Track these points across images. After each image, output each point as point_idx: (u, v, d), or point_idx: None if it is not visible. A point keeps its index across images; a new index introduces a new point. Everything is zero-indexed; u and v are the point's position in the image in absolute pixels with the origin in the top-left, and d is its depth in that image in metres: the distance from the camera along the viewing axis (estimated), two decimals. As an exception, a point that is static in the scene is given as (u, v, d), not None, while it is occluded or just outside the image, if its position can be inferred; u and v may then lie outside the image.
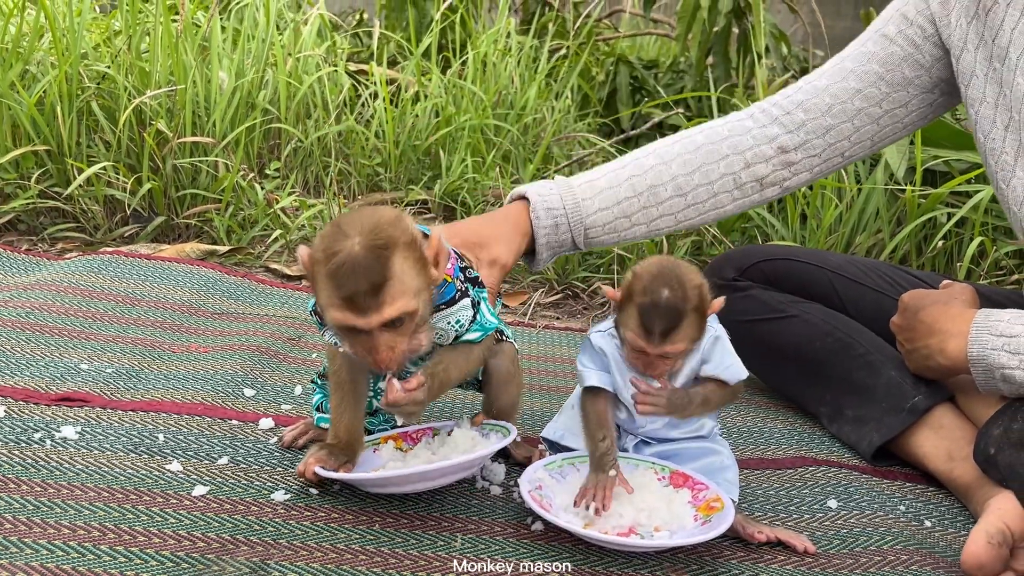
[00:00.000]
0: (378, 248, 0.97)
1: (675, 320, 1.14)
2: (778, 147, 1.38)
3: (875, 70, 1.34)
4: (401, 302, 0.98)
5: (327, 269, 0.97)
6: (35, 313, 1.70)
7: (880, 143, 1.41)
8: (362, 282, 0.96)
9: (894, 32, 1.33)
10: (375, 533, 1.11)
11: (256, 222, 2.36)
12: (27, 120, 2.27)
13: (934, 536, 1.21)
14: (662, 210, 1.39)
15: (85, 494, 1.13)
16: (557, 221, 1.36)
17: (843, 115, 1.37)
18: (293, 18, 3.03)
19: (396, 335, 1.00)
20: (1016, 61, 1.20)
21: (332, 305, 0.99)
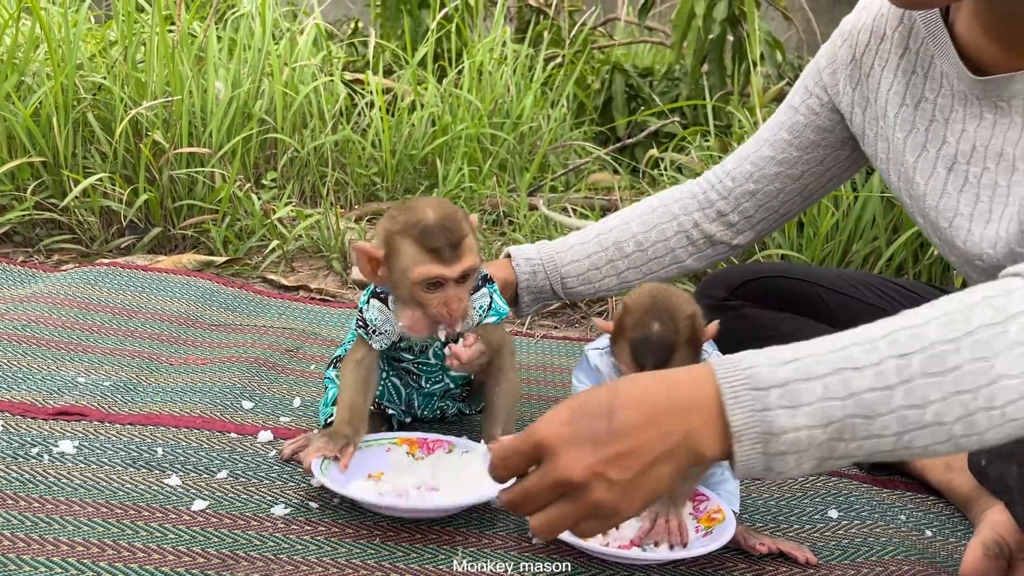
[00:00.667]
0: (452, 214, 1.20)
1: (667, 354, 1.14)
2: (716, 211, 1.52)
3: (784, 137, 1.44)
4: (473, 256, 1.21)
5: (415, 232, 1.18)
6: (31, 326, 1.70)
7: (811, 197, 1.50)
8: (445, 239, 1.18)
9: (798, 102, 1.43)
10: (376, 547, 1.10)
11: (253, 233, 2.35)
12: (23, 131, 2.26)
13: (935, 546, 1.21)
14: (628, 263, 1.53)
15: (84, 509, 1.13)
16: (535, 268, 1.53)
17: (764, 180, 1.47)
18: (289, 27, 3.04)
19: (463, 289, 1.21)
20: (893, 119, 1.27)
21: (419, 262, 1.18)
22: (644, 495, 0.82)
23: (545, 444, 0.81)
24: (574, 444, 0.80)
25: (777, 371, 0.80)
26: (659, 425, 0.80)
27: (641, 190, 2.83)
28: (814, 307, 1.61)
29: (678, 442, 0.80)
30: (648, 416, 0.81)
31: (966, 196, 1.20)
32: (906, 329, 0.82)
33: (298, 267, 2.35)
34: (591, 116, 3.86)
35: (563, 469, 0.80)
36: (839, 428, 0.78)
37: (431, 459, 1.27)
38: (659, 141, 3.59)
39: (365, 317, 1.30)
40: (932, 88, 1.23)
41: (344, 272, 2.30)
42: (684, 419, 0.80)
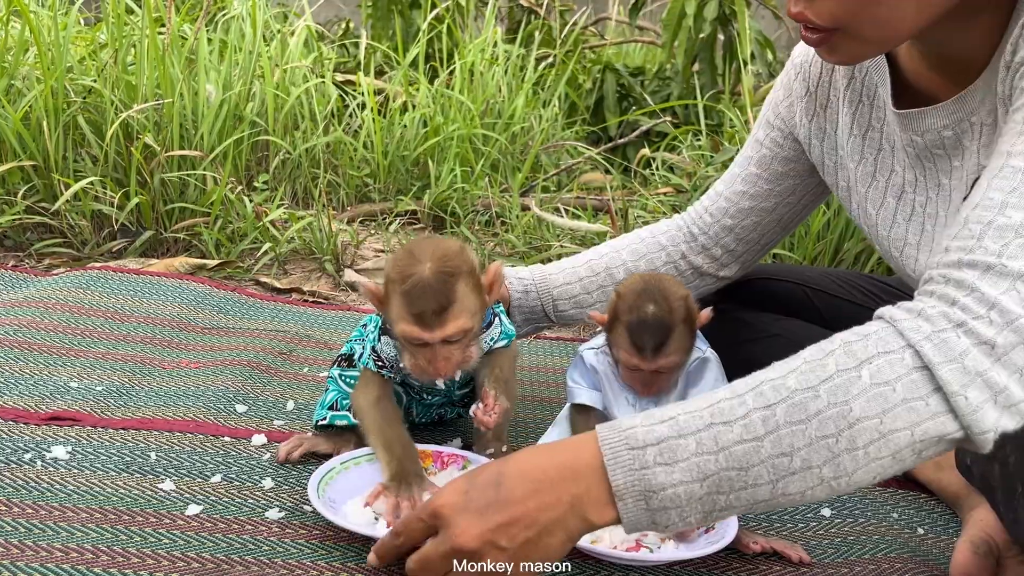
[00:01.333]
0: (445, 274, 1.15)
1: (665, 334, 1.15)
2: (700, 246, 1.53)
3: (754, 171, 1.46)
4: (461, 321, 1.16)
5: (402, 289, 1.15)
6: (24, 331, 1.69)
7: (789, 226, 1.52)
8: (431, 303, 1.14)
9: (762, 136, 1.45)
10: (368, 551, 1.10)
11: (245, 235, 2.35)
12: (13, 135, 2.25)
13: (927, 543, 1.22)
14: None
15: (77, 515, 1.13)
16: (527, 288, 1.52)
17: (740, 215, 1.48)
18: (280, 29, 3.03)
19: (452, 348, 1.17)
20: (847, 148, 1.30)
21: (403, 320, 1.16)
22: (538, 558, 0.86)
23: (440, 513, 0.87)
24: (465, 513, 0.86)
25: (654, 430, 0.84)
26: (543, 494, 0.84)
27: (633, 189, 2.83)
28: (803, 308, 1.62)
29: (565, 511, 0.84)
30: (533, 484, 0.85)
31: (913, 225, 1.22)
32: (770, 380, 0.86)
33: (291, 269, 2.34)
34: (583, 116, 3.87)
35: (456, 537, 0.85)
36: (716, 481, 0.82)
37: (444, 475, 1.25)
38: (651, 140, 3.60)
39: (381, 354, 1.28)
40: (878, 117, 1.25)
41: (337, 274, 2.30)
42: (569, 487, 0.84)
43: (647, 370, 1.17)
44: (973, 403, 0.81)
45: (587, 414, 1.23)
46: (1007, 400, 0.82)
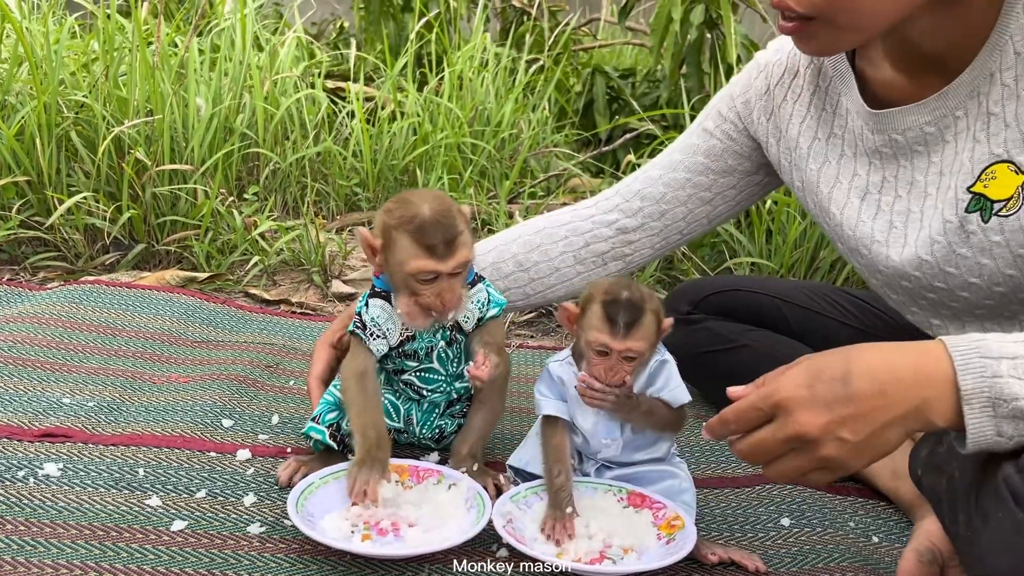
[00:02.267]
0: (447, 209, 1.25)
1: (637, 314, 1.20)
2: (617, 228, 1.53)
3: (701, 161, 1.48)
4: (467, 251, 1.26)
5: (410, 228, 1.23)
6: (17, 346, 1.75)
7: (716, 220, 1.54)
8: (441, 234, 1.23)
9: (712, 127, 1.46)
10: (346, 565, 1.16)
11: (235, 247, 2.40)
12: (7, 151, 2.31)
13: (880, 552, 1.27)
14: (507, 283, 1.55)
15: (67, 532, 1.18)
16: None
17: (676, 201, 1.50)
18: (270, 38, 3.08)
19: (457, 281, 1.27)
20: (807, 151, 1.34)
21: (414, 256, 1.24)
22: (871, 454, 0.93)
23: (783, 404, 0.92)
24: (811, 404, 0.91)
25: (1007, 346, 0.88)
26: (889, 394, 0.90)
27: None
28: (774, 319, 1.67)
29: (909, 410, 0.90)
30: (880, 384, 0.90)
31: (879, 223, 1.27)
32: None
33: (280, 280, 2.40)
34: (572, 119, 3.91)
35: (799, 426, 0.91)
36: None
37: (419, 488, 1.29)
38: (641, 143, 3.64)
39: (365, 318, 1.34)
40: (840, 124, 1.30)
41: (324, 285, 2.35)
42: (917, 391, 0.89)
43: (616, 351, 1.21)
44: None
45: (555, 425, 1.28)
46: None
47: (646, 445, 1.32)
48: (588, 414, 1.28)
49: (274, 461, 1.42)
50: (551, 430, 1.28)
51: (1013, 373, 0.86)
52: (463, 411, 1.46)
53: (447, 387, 1.41)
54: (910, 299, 1.30)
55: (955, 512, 1.10)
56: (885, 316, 1.60)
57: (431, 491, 1.28)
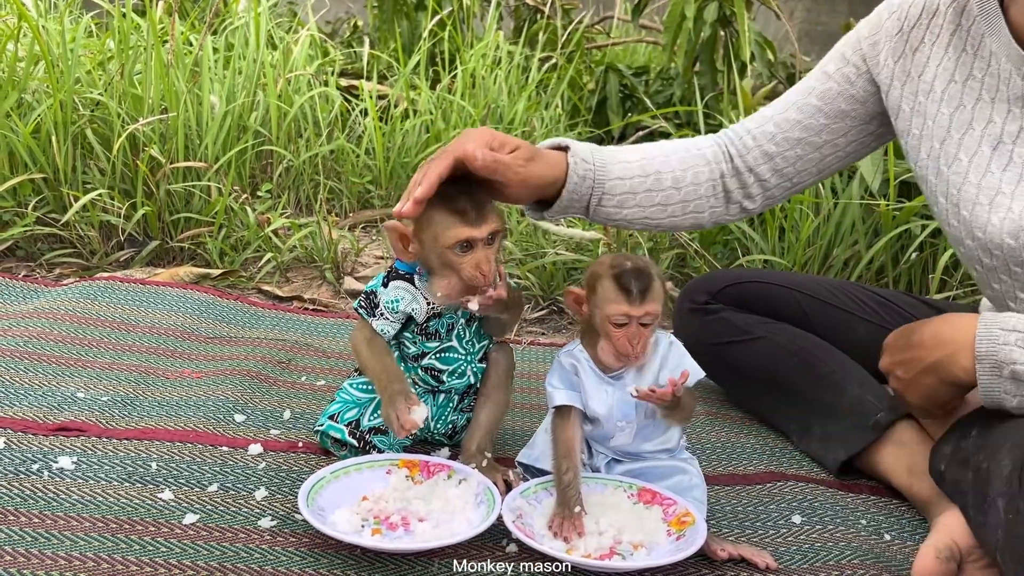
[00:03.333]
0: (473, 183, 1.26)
1: (648, 279, 1.23)
2: (734, 168, 1.48)
3: (814, 103, 1.44)
4: (498, 219, 1.29)
5: (442, 200, 1.24)
6: (33, 342, 1.76)
7: (825, 171, 1.50)
8: (474, 201, 1.25)
9: (832, 69, 1.43)
10: (356, 559, 1.16)
11: (248, 244, 2.42)
12: (23, 149, 2.33)
13: (892, 549, 1.26)
14: (659, 198, 1.44)
15: (80, 524, 1.19)
16: (586, 174, 1.39)
17: (785, 144, 1.46)
18: (283, 37, 3.09)
19: (492, 250, 1.28)
20: (940, 95, 1.30)
21: (449, 227, 1.25)
22: (919, 391, 1.25)
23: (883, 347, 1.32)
24: (888, 349, 1.30)
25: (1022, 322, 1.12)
26: (927, 346, 1.22)
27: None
28: (792, 312, 1.66)
29: (937, 360, 1.20)
30: (926, 339, 1.23)
31: (1009, 175, 1.24)
32: None
33: (292, 277, 2.41)
34: (585, 117, 3.91)
35: (882, 362, 1.31)
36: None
37: (429, 483, 1.29)
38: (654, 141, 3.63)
39: (378, 300, 1.36)
40: (980, 67, 1.26)
41: (337, 282, 2.36)
42: (946, 347, 1.19)
43: (635, 317, 1.22)
44: None
45: (566, 417, 1.28)
46: None
47: (657, 434, 1.31)
48: (603, 398, 1.28)
49: (286, 455, 1.43)
50: (562, 423, 1.27)
51: (1019, 344, 1.11)
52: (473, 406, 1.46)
53: (466, 367, 1.42)
54: (995, 272, 1.29)
55: (982, 503, 1.10)
56: (906, 312, 1.59)
57: (441, 486, 1.29)
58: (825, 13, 7.12)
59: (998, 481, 1.06)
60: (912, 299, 1.65)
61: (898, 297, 1.67)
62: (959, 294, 2.12)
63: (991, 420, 1.18)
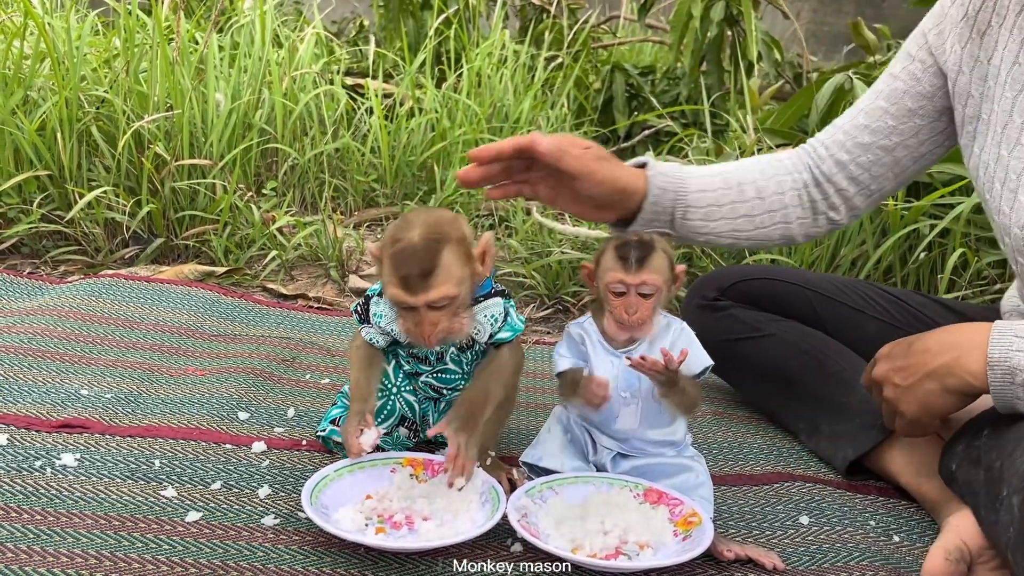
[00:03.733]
0: (433, 240, 1.18)
1: (648, 249, 1.23)
2: (813, 179, 1.47)
3: (881, 105, 1.43)
4: (445, 287, 1.19)
5: (391, 252, 1.19)
6: (37, 339, 1.76)
7: (904, 174, 1.46)
8: (415, 267, 1.17)
9: (898, 69, 1.42)
10: (360, 557, 1.16)
11: (253, 242, 2.41)
12: (28, 146, 2.32)
13: (901, 551, 1.25)
14: (745, 209, 1.44)
15: (83, 521, 1.18)
16: (666, 186, 1.39)
17: (856, 150, 1.44)
18: (289, 35, 3.09)
19: (439, 314, 1.21)
20: (1005, 77, 1.28)
21: (391, 283, 1.20)
22: (917, 399, 1.20)
23: (879, 354, 1.29)
24: (887, 358, 1.26)
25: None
26: (932, 351, 1.19)
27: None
28: (802, 310, 1.65)
29: (943, 364, 1.17)
30: (930, 345, 1.19)
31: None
32: None
33: (297, 275, 2.40)
34: (591, 117, 3.90)
35: (875, 371, 1.27)
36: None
37: (434, 482, 1.28)
38: (660, 140, 3.62)
39: (370, 308, 1.34)
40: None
41: (341, 280, 2.35)
42: (954, 351, 1.16)
43: (632, 285, 1.22)
44: None
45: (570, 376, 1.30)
46: None
47: (663, 423, 1.30)
48: (608, 368, 1.28)
49: (289, 453, 1.42)
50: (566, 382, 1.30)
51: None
52: None
53: (465, 383, 1.39)
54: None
55: (995, 502, 1.09)
56: (918, 312, 1.58)
57: (445, 485, 1.27)
58: (831, 14, 7.10)
59: (1014, 478, 1.05)
60: (923, 298, 1.64)
61: (909, 296, 1.66)
62: (968, 294, 2.10)
63: (1004, 420, 1.16)
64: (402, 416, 1.40)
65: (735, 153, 2.57)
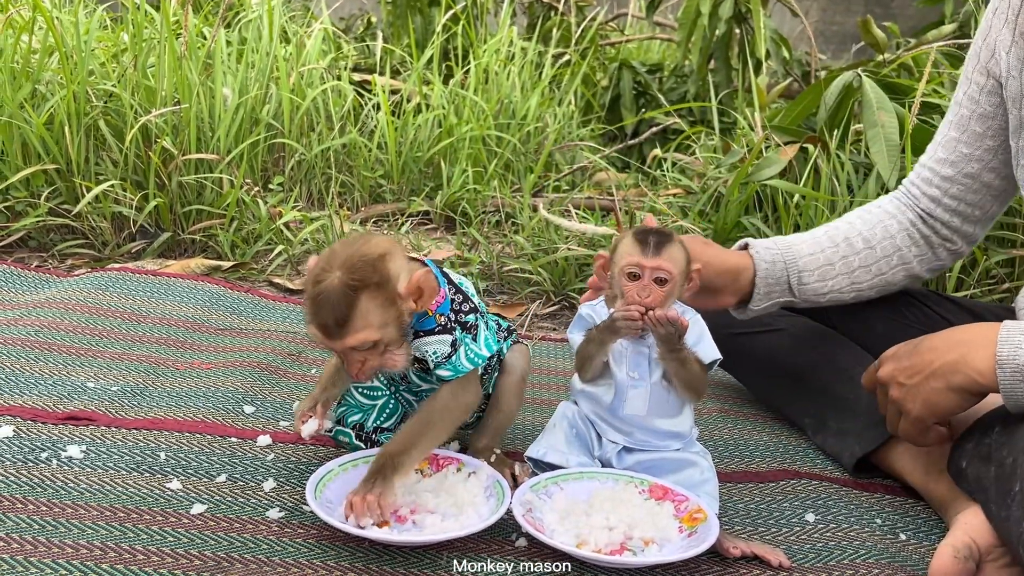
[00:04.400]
0: (349, 287, 1.14)
1: (666, 238, 1.25)
2: (919, 215, 1.49)
3: (953, 136, 1.44)
4: (362, 334, 1.16)
5: (310, 295, 1.17)
6: (44, 331, 1.76)
7: (1002, 195, 1.46)
8: (329, 315, 1.15)
9: (961, 95, 1.43)
10: (364, 551, 1.15)
11: (260, 237, 2.41)
12: (36, 139, 2.33)
13: (908, 549, 1.24)
14: (859, 261, 1.47)
15: (88, 513, 1.19)
16: (774, 258, 1.43)
17: (945, 184, 1.45)
18: (296, 31, 3.09)
19: (364, 354, 1.19)
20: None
21: (309, 325, 1.18)
22: (923, 398, 1.19)
23: (884, 356, 1.28)
24: (892, 358, 1.26)
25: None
26: (939, 349, 1.18)
27: (643, 191, 2.86)
28: None
29: (949, 362, 1.16)
30: (937, 344, 1.19)
31: None
32: None
33: (303, 270, 2.40)
34: (598, 114, 3.89)
35: (880, 372, 1.27)
36: None
37: (438, 476, 1.28)
38: (668, 138, 3.62)
39: None
40: None
41: (348, 275, 2.35)
42: (960, 348, 1.16)
43: (648, 268, 1.22)
44: None
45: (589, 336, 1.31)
46: None
47: (671, 412, 1.29)
48: (618, 350, 1.28)
49: (295, 447, 1.42)
50: None
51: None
52: None
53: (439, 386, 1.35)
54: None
55: (1006, 498, 1.09)
56: (926, 308, 1.57)
57: (450, 479, 1.27)
58: (840, 12, 7.08)
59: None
60: (935, 295, 1.63)
61: (918, 293, 1.65)
62: (976, 293, 2.09)
63: (1015, 417, 1.16)
64: (405, 413, 1.40)
65: (743, 151, 2.56)
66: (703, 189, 2.59)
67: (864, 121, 2.22)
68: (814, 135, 2.37)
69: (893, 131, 2.15)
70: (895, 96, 2.32)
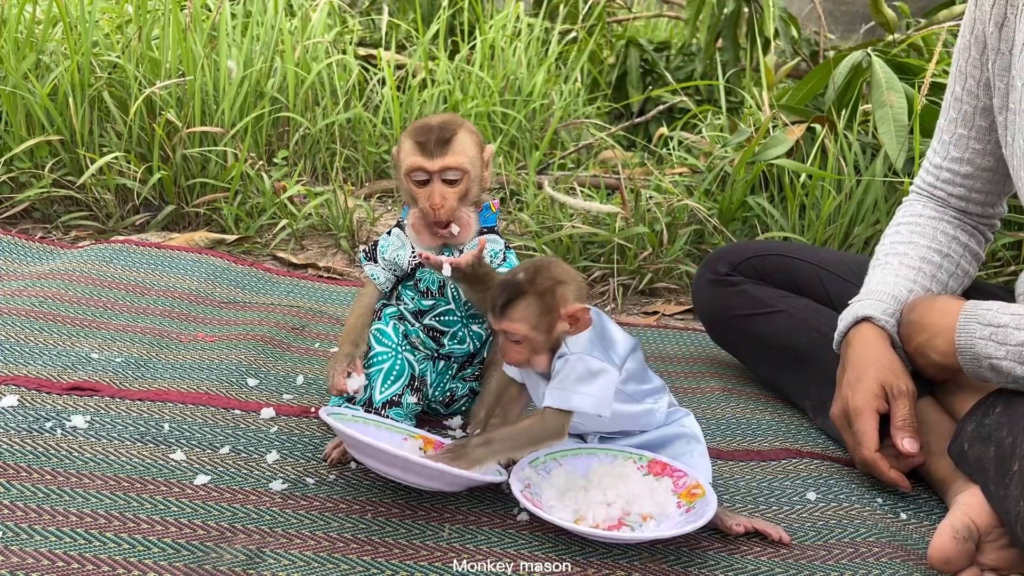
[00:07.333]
0: (451, 121, 1.33)
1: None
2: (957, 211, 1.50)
3: (962, 133, 1.44)
4: (459, 157, 1.31)
5: (411, 128, 1.33)
6: (48, 302, 1.76)
7: None
8: (433, 135, 1.30)
9: (959, 91, 1.43)
10: (367, 522, 1.16)
11: (264, 211, 2.41)
12: (40, 111, 2.32)
13: (908, 528, 1.25)
14: (946, 273, 1.47)
15: (92, 482, 1.19)
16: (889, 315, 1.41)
17: (968, 180, 1.46)
18: (302, 4, 3.07)
19: (450, 189, 1.32)
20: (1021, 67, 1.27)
21: (409, 153, 1.32)
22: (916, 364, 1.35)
23: None
24: None
25: (1001, 316, 1.19)
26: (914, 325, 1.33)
27: (649, 169, 2.84)
28: (812, 288, 1.64)
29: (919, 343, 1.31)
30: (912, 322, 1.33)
31: None
32: None
33: (307, 245, 2.40)
34: (604, 92, 3.86)
35: None
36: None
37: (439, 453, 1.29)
38: (674, 117, 3.59)
39: (378, 244, 1.42)
40: None
41: (352, 250, 2.35)
42: (927, 331, 1.30)
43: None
44: None
45: None
46: None
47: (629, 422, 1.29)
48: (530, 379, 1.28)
49: (298, 420, 1.42)
50: None
51: (994, 338, 1.19)
52: (474, 375, 1.47)
53: (464, 331, 1.42)
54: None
55: (1005, 476, 1.09)
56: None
57: None
58: (848, -9, 7.01)
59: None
60: None
61: None
62: (981, 275, 2.08)
63: (1016, 397, 1.16)
64: (411, 377, 1.39)
65: (750, 130, 2.54)
66: (709, 168, 2.58)
67: (873, 101, 2.20)
68: (822, 115, 2.35)
69: (902, 112, 2.13)
70: (904, 76, 2.30)
